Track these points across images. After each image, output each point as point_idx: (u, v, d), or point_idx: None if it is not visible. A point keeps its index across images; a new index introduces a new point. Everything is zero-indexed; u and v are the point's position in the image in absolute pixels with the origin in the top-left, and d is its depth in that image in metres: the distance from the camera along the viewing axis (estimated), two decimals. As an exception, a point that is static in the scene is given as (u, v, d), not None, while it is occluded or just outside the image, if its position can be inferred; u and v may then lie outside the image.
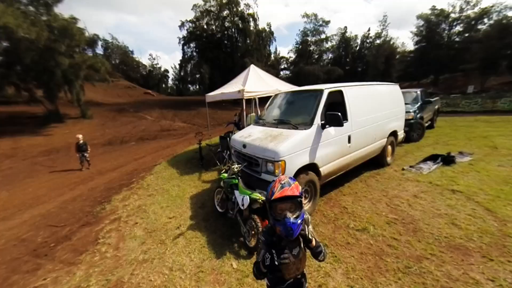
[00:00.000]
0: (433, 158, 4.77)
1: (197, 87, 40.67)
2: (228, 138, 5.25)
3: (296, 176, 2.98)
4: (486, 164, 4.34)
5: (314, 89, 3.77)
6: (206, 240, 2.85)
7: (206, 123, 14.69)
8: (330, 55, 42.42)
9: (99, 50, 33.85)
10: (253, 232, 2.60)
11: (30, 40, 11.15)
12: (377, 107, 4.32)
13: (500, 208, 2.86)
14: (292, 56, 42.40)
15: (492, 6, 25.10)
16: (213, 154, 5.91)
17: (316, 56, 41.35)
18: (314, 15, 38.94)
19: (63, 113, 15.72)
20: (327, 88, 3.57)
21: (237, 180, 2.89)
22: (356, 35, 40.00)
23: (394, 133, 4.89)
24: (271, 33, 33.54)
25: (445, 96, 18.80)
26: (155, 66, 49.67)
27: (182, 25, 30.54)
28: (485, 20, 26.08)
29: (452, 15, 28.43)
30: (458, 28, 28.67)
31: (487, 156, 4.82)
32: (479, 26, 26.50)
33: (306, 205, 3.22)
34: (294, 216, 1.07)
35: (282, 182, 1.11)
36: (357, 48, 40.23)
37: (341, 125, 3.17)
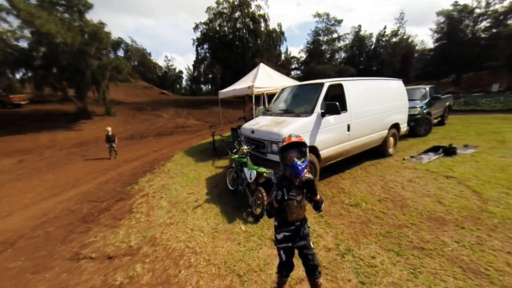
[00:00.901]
0: (434, 149, 4.95)
1: (209, 87, 41.94)
2: (238, 130, 5.79)
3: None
4: (487, 156, 4.47)
5: (316, 82, 4.19)
6: (220, 210, 3.38)
7: (218, 121, 15.44)
8: (343, 54, 41.60)
9: (120, 53, 36.28)
10: (259, 202, 3.09)
11: (66, 44, 12.52)
12: (377, 100, 4.61)
13: (487, 191, 3.09)
14: (303, 56, 42.29)
15: None
16: (225, 144, 6.49)
17: (328, 56, 40.80)
18: (326, 14, 38.55)
19: (90, 111, 17.28)
20: (327, 81, 3.98)
21: (246, 159, 3.40)
22: (371, 34, 38.98)
23: (396, 126, 5.13)
24: (282, 33, 33.81)
25: (466, 95, 17.99)
26: (170, 67, 51.92)
27: (196, 27, 31.81)
28: (515, 14, 24.31)
29: (477, 10, 26.75)
30: (485, 23, 26.87)
31: (491, 149, 4.90)
32: (509, 22, 24.69)
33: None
34: (300, 161, 1.36)
35: (291, 136, 1.45)
36: (372, 46, 39.08)
37: (338, 113, 3.56)
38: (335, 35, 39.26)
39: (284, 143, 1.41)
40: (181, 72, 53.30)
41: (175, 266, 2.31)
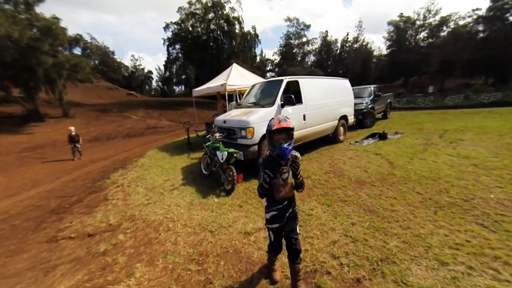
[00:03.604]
0: (372, 135, 6.17)
1: (183, 88, 40.78)
2: (212, 124, 6.22)
3: (262, 139, 4.07)
4: (407, 138, 5.83)
5: (277, 79, 4.95)
6: (195, 190, 3.80)
7: (193, 121, 15.40)
8: (313, 58, 44.57)
9: (77, 50, 32.86)
10: (229, 179, 3.60)
11: (11, 39, 11.16)
12: (327, 95, 5.57)
13: (397, 161, 4.21)
14: (277, 58, 44.26)
15: (449, 15, 28.69)
16: (200, 139, 6.81)
17: (299, 58, 43.43)
18: (296, 19, 41.14)
19: (43, 113, 15.47)
20: (286, 78, 4.75)
21: (218, 144, 3.89)
22: (336, 39, 42.43)
23: (344, 117, 6.20)
24: (256, 35, 34.93)
25: (410, 95, 21.37)
26: (137, 67, 48.77)
27: (167, 26, 30.83)
28: (444, 27, 29.69)
29: (418, 22, 31.67)
30: (423, 34, 32.01)
31: (412, 134, 6.34)
32: (441, 34, 29.94)
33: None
34: (287, 144, 1.40)
35: (280, 119, 1.43)
36: (338, 51, 42.57)
37: (293, 104, 4.34)
38: (304, 39, 42.11)
39: (274, 128, 1.42)
40: (150, 72, 50.57)
41: (155, 231, 2.68)
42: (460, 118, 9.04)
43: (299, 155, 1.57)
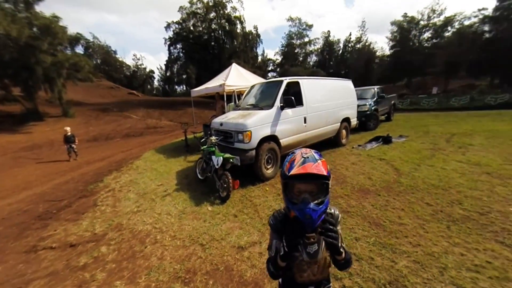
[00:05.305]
0: (376, 139, 5.91)
1: (184, 88, 40.72)
2: (209, 125, 6.01)
3: (261, 144, 3.86)
4: (413, 143, 5.56)
5: (277, 79, 4.72)
6: (189, 196, 3.59)
7: (191, 122, 15.23)
8: (315, 58, 44.07)
9: (79, 49, 32.90)
10: (225, 185, 3.39)
11: (10, 37, 11.08)
12: (329, 97, 5.33)
13: (403, 167, 3.95)
14: (279, 58, 43.97)
15: (454, 15, 28.19)
16: (198, 141, 6.62)
17: (301, 59, 43.08)
18: (298, 19, 40.78)
19: (42, 112, 15.40)
20: (286, 79, 4.52)
21: (214, 148, 3.68)
22: (339, 39, 41.90)
23: (347, 120, 5.96)
24: (258, 35, 34.70)
25: (413, 96, 21.02)
26: (139, 66, 48.81)
27: (168, 26, 30.72)
28: (449, 28, 29.19)
29: (422, 22, 31.13)
30: (427, 34, 31.49)
31: (418, 138, 6.08)
32: (446, 34, 29.47)
33: (269, 169, 4.09)
34: (316, 202, 0.77)
35: (305, 156, 0.82)
36: (340, 52, 42.00)
37: (293, 106, 4.11)
38: (306, 39, 41.75)
39: (293, 171, 0.79)
40: (152, 72, 50.59)
41: (141, 243, 2.47)
42: (467, 120, 8.73)
43: (337, 212, 0.95)
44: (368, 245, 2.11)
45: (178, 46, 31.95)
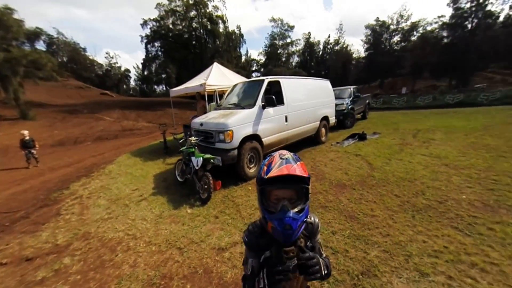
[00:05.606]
0: (352, 136, 6.24)
1: (164, 88, 39.02)
2: (190, 126, 5.82)
3: (243, 143, 3.82)
4: (385, 139, 5.98)
5: (259, 79, 4.75)
6: (167, 199, 3.42)
7: (171, 123, 14.62)
8: (297, 59, 45.08)
9: (41, 46, 29.75)
10: (205, 187, 3.29)
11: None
12: (309, 96, 5.49)
13: (376, 162, 4.23)
14: (262, 58, 44.24)
15: (419, 21, 30.90)
16: (178, 142, 6.36)
17: (284, 59, 43.82)
18: (280, 20, 41.41)
19: (-4, 114, 13.61)
20: (267, 78, 4.55)
21: (193, 149, 3.56)
22: (319, 41, 43.34)
23: (326, 118, 6.19)
24: (241, 35, 34.48)
25: (386, 96, 22.63)
26: (113, 65, 45.62)
27: (144, 23, 29.09)
28: (414, 32, 31.89)
29: (391, 26, 33.62)
30: (397, 38, 34.04)
31: (389, 134, 6.55)
32: (412, 38, 32.13)
33: (252, 169, 4.07)
34: (296, 210, 0.72)
35: (284, 157, 0.74)
36: (320, 53, 43.51)
37: (274, 105, 4.16)
38: (288, 40, 42.54)
39: (271, 173, 0.71)
40: (128, 71, 47.63)
41: (111, 252, 2.29)
42: (430, 118, 9.64)
43: (317, 220, 0.86)
44: (344, 238, 2.20)
45: (156, 44, 30.47)
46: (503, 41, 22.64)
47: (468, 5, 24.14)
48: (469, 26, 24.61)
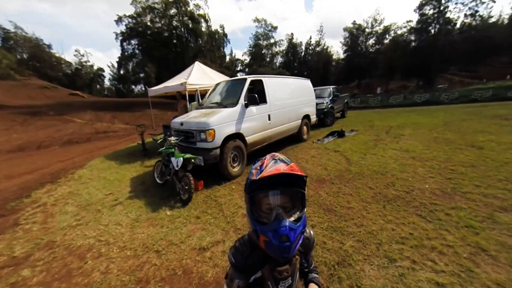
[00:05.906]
0: (332, 133, 6.54)
1: (143, 87, 37.09)
2: (169, 126, 5.59)
3: (225, 142, 3.77)
4: (361, 135, 6.37)
5: (241, 78, 4.74)
6: (144, 203, 3.25)
7: (150, 124, 13.94)
8: (281, 59, 45.70)
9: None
10: (186, 187, 3.19)
11: None
12: (291, 95, 5.61)
13: (353, 157, 4.48)
14: (247, 58, 44.16)
15: (390, 25, 33.17)
16: (158, 144, 6.07)
17: (268, 59, 44.19)
18: (264, 20, 41.69)
19: None
20: (250, 77, 4.55)
21: (173, 149, 3.42)
22: (301, 42, 44.28)
23: (307, 117, 6.38)
24: (225, 35, 34.08)
25: (363, 96, 23.99)
26: (84, 64, 42.22)
27: (119, 20, 27.34)
28: (387, 35, 34.19)
29: (367, 30, 35.52)
30: (372, 41, 36.09)
31: (365, 131, 6.98)
32: (385, 41, 34.39)
33: (236, 168, 4.04)
34: (293, 218, 0.63)
35: (276, 158, 0.68)
36: (302, 54, 44.42)
37: (257, 104, 4.17)
38: (272, 41, 43.01)
39: (264, 173, 0.62)
40: (101, 70, 44.49)
41: (79, 260, 2.11)
42: (401, 115, 10.46)
43: (312, 233, 0.82)
44: (322, 231, 2.28)
45: (133, 42, 28.90)
46: (460, 45, 25.40)
47: (431, 11, 26.63)
48: (433, 31, 27.15)
